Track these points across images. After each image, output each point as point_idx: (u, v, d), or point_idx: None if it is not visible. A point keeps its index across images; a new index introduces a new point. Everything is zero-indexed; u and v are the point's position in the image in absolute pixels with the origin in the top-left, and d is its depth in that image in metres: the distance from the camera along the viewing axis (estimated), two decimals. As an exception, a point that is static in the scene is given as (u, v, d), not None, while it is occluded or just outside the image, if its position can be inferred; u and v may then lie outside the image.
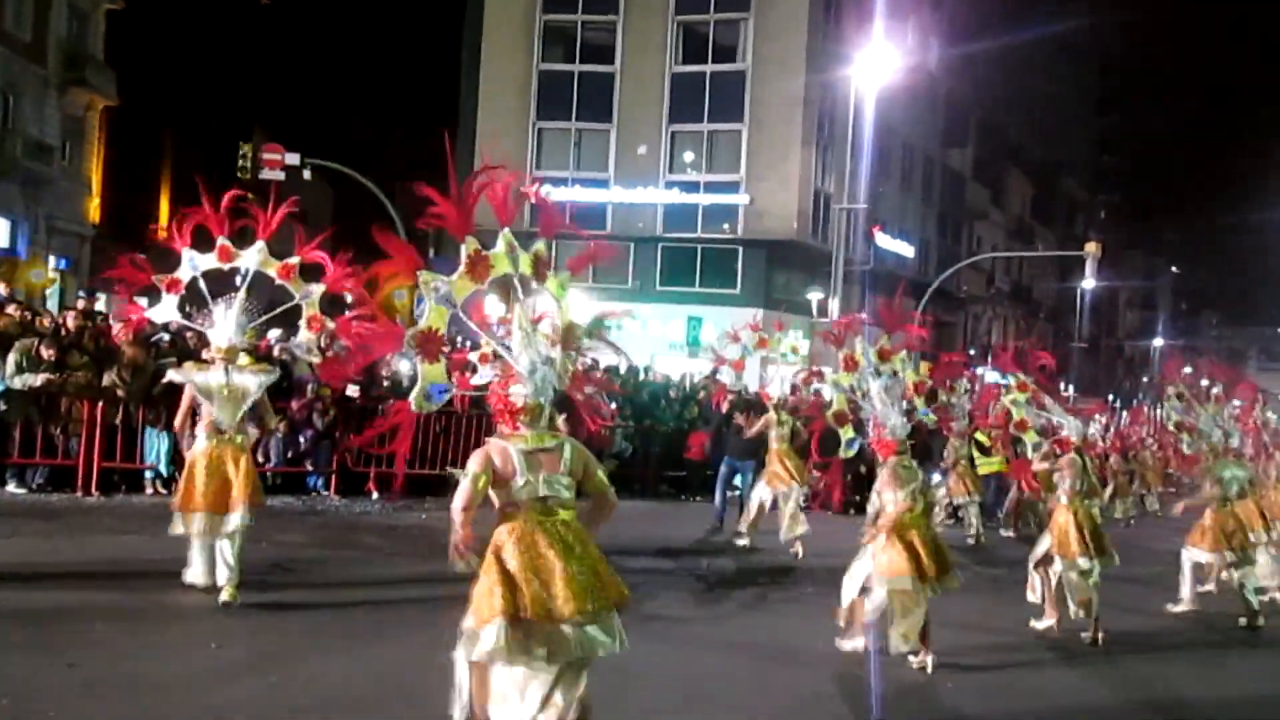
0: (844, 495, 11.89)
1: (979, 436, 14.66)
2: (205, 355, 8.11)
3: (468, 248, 4.51)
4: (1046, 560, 8.50)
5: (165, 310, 8.12)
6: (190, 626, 7.00)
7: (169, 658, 6.27)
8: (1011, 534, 14.72)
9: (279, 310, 8.30)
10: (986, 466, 14.91)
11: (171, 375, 8.10)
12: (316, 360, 8.20)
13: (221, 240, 7.80)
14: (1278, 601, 10.37)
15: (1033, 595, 8.67)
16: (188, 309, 8.21)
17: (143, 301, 9.09)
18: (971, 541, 13.86)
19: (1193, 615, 9.77)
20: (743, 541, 11.80)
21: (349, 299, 8.61)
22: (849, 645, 7.29)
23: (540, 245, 4.81)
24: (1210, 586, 10.20)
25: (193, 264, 7.89)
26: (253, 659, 6.33)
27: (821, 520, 12.46)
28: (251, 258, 7.84)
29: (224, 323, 7.69)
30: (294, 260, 7.89)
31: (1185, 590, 9.88)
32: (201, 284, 7.93)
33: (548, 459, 4.53)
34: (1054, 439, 8.88)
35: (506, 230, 4.64)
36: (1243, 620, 9.45)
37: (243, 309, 7.73)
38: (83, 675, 5.81)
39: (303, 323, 8.08)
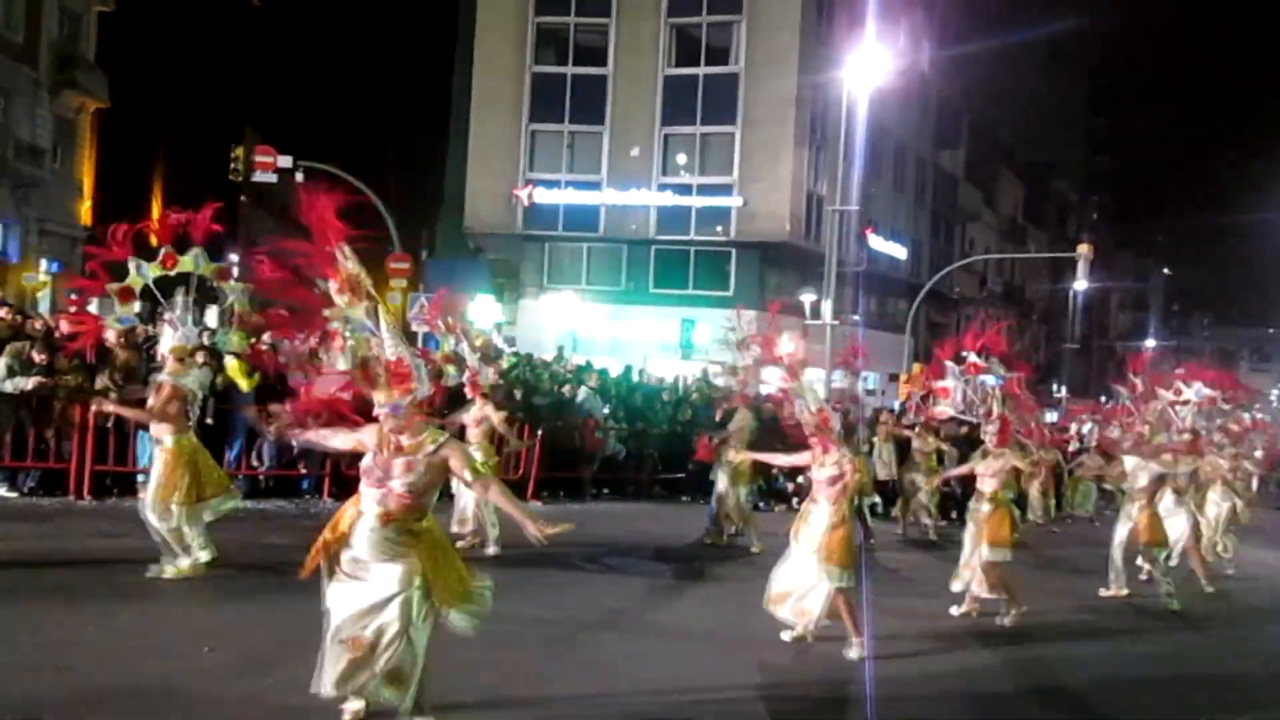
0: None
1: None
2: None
3: (342, 328, 5.05)
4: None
5: (123, 317, 8.51)
6: (184, 629, 6.99)
7: (163, 660, 6.26)
8: None
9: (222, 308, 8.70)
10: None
11: (166, 376, 8.19)
12: (247, 351, 8.75)
13: (165, 249, 8.09)
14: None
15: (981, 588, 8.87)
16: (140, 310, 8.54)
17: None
18: (934, 537, 14.16)
19: (1124, 600, 10.32)
20: (755, 548, 11.66)
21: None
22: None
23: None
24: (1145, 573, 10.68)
25: (141, 271, 8.07)
26: (247, 661, 6.32)
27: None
28: (189, 263, 8.18)
29: (174, 327, 8.24)
30: (227, 263, 8.33)
31: (1114, 575, 10.45)
32: (154, 290, 8.20)
33: None
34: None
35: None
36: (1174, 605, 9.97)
37: (187, 311, 8.28)
38: (77, 678, 5.81)
39: (233, 321, 8.48)
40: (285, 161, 26.01)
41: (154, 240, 8.41)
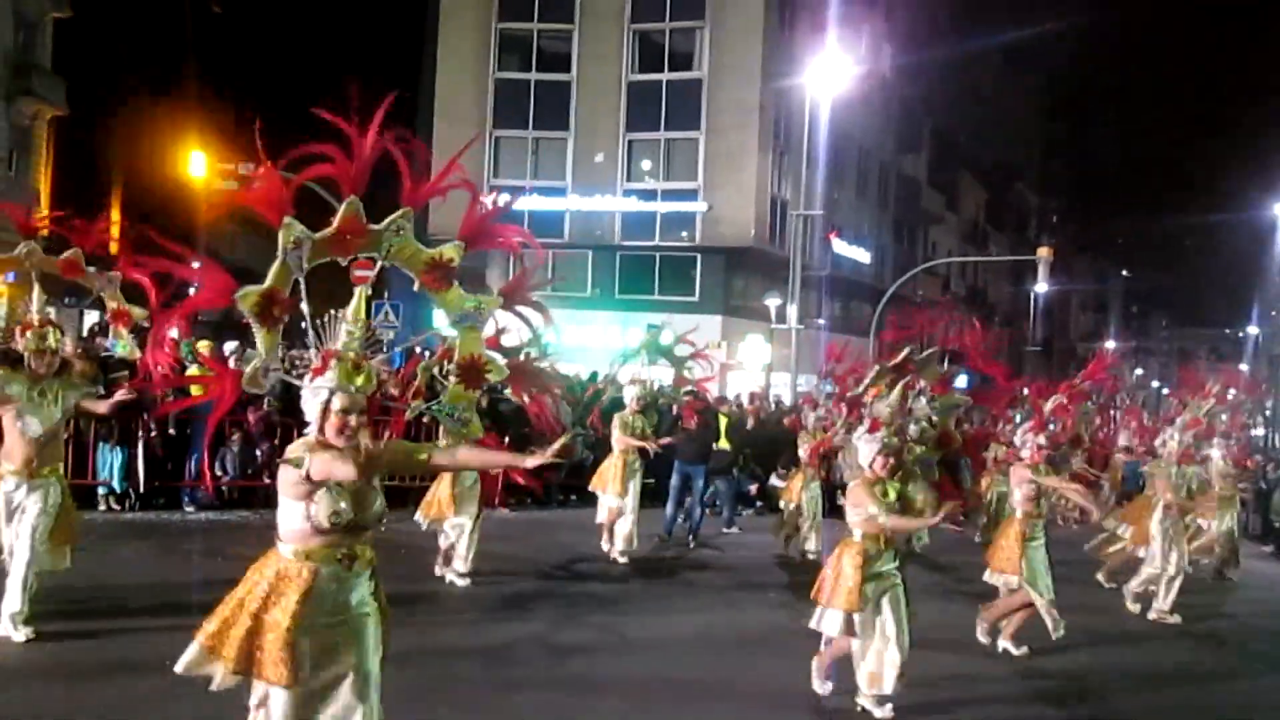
0: None
1: None
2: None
3: (284, 236, 4.13)
4: None
5: None
6: (145, 642, 6.89)
7: (131, 675, 6.19)
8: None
9: (87, 301, 7.52)
10: None
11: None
12: (137, 357, 7.50)
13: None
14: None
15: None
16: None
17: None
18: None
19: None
20: (623, 559, 10.98)
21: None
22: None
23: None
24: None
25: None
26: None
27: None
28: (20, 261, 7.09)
29: None
30: (72, 252, 7.24)
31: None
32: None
33: None
34: None
35: (354, 198, 4.36)
36: None
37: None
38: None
39: (109, 318, 7.50)
40: (246, 168, 25.77)
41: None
